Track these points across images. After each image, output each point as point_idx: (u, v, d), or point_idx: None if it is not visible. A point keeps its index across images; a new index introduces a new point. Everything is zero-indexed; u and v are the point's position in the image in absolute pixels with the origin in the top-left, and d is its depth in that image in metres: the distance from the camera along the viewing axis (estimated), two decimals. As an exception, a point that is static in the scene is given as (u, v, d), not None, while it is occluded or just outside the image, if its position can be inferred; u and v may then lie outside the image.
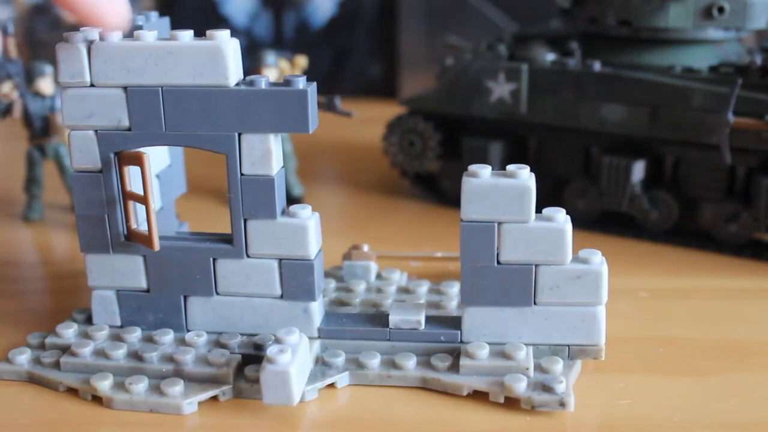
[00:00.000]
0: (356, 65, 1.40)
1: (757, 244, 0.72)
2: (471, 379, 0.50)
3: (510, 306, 0.51)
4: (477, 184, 0.49)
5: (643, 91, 0.72)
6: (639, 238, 0.76)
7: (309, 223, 0.51)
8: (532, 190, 0.48)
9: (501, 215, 0.49)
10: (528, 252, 0.49)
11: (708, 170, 0.72)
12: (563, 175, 0.80)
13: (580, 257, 0.50)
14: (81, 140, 0.51)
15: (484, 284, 0.50)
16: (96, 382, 0.49)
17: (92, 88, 0.49)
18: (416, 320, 0.52)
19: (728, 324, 0.59)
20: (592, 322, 0.51)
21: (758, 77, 0.69)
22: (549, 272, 0.50)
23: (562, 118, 0.76)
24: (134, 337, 0.53)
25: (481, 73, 0.78)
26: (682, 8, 0.72)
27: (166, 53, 0.48)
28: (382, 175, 0.97)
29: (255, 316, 0.53)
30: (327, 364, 0.51)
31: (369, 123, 1.00)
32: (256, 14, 1.38)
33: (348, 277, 0.63)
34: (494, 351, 0.51)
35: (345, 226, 0.84)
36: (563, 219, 0.49)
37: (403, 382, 0.51)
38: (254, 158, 0.50)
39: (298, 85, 0.48)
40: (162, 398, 0.48)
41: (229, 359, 0.50)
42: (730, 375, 0.52)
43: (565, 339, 0.51)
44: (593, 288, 0.50)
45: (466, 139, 0.82)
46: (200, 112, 0.49)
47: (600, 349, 0.51)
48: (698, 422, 0.47)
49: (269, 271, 0.52)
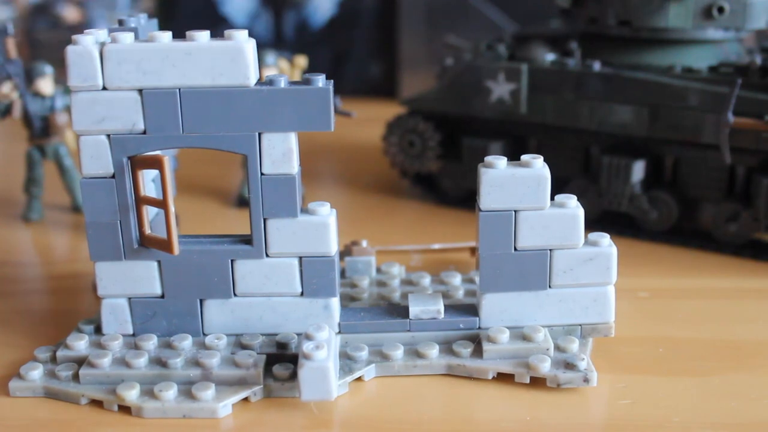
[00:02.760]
0: (356, 65, 1.40)
1: (757, 244, 0.72)
2: (495, 362, 0.51)
3: (527, 290, 0.53)
4: (495, 175, 0.50)
5: (643, 91, 0.72)
6: (639, 238, 0.76)
7: (330, 220, 0.51)
8: (548, 179, 0.51)
9: (518, 203, 0.51)
10: (544, 237, 0.52)
11: (708, 170, 0.72)
12: (563, 175, 0.80)
13: (590, 240, 0.53)
14: (92, 145, 0.49)
15: (502, 271, 0.52)
16: (123, 391, 0.48)
17: (105, 91, 0.48)
18: (436, 310, 0.53)
19: (728, 324, 0.59)
20: (603, 301, 0.53)
21: (758, 77, 0.69)
22: (563, 256, 0.52)
23: (561, 118, 0.76)
24: (151, 344, 0.52)
25: (481, 73, 0.78)
26: (682, 8, 0.72)
27: (185, 54, 0.47)
28: (382, 175, 0.97)
29: (274, 315, 0.53)
30: (351, 358, 0.52)
31: (369, 123, 1.00)
32: (256, 14, 1.38)
33: (350, 272, 0.64)
34: (514, 334, 0.52)
35: (345, 225, 0.83)
36: (575, 204, 0.52)
37: (428, 371, 0.52)
38: (275, 157, 0.50)
39: (319, 83, 0.49)
40: (195, 403, 0.48)
41: (256, 360, 0.50)
42: (730, 375, 0.52)
43: (578, 319, 0.53)
44: (604, 269, 0.52)
45: (466, 139, 0.82)
46: (220, 112, 0.48)
47: (610, 327, 0.54)
48: (698, 422, 0.47)
49: (289, 269, 0.52)
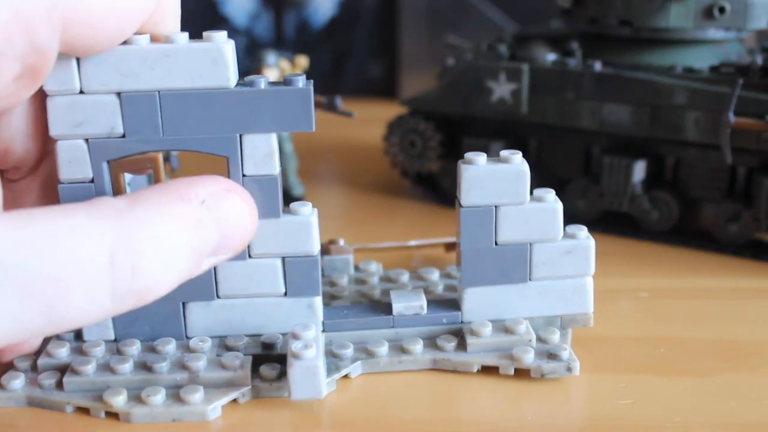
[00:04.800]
0: (356, 65, 1.40)
1: (757, 244, 0.72)
2: (479, 355, 0.52)
3: (508, 284, 0.53)
4: (475, 171, 0.51)
5: (644, 92, 0.72)
6: (639, 238, 0.76)
7: (312, 220, 0.51)
8: (527, 174, 0.51)
9: (498, 199, 0.52)
10: (524, 231, 0.52)
11: (708, 170, 0.72)
12: (564, 175, 0.80)
13: (568, 233, 0.53)
14: (70, 150, 0.48)
15: (483, 265, 0.53)
16: (110, 397, 0.48)
17: (82, 95, 0.47)
18: (419, 305, 0.54)
19: (728, 324, 0.59)
20: (581, 292, 0.54)
21: (759, 77, 0.69)
22: (543, 249, 0.53)
23: (562, 118, 0.76)
24: (135, 349, 0.51)
25: (482, 73, 0.78)
26: (682, 8, 0.72)
27: (163, 56, 0.46)
28: (382, 175, 0.97)
29: (258, 316, 0.53)
30: (337, 356, 0.52)
31: (369, 123, 1.00)
32: (256, 14, 1.38)
33: (329, 271, 0.64)
34: (496, 327, 0.53)
35: (345, 226, 0.84)
36: (553, 199, 0.53)
37: (413, 366, 0.52)
38: (257, 158, 0.49)
39: (299, 83, 0.48)
40: (184, 406, 0.48)
41: (243, 361, 0.50)
42: (730, 375, 0.52)
43: (557, 310, 0.54)
44: (582, 260, 0.53)
45: (466, 139, 0.82)
46: (200, 114, 0.48)
47: (589, 317, 0.55)
48: (698, 422, 0.47)
49: (273, 270, 0.52)
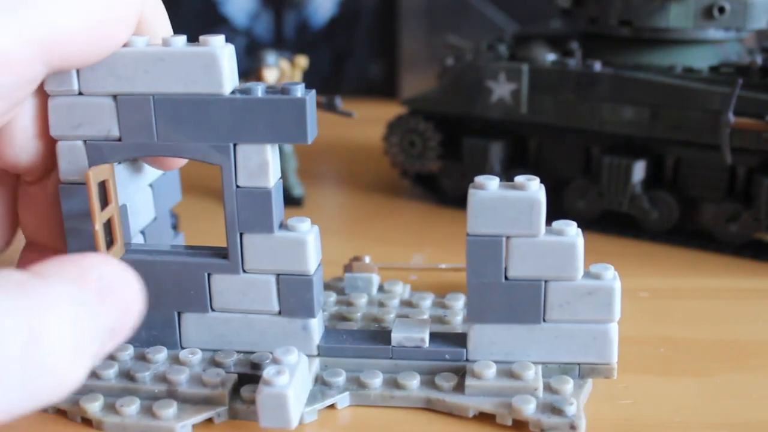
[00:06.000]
0: (356, 65, 1.40)
1: (757, 244, 0.72)
2: (477, 399, 0.47)
3: (518, 323, 0.48)
4: (484, 197, 0.46)
5: (644, 91, 0.72)
6: (639, 238, 0.76)
7: (308, 238, 0.48)
8: (542, 203, 0.46)
9: (509, 229, 0.46)
10: (537, 267, 0.47)
11: (708, 170, 0.72)
12: (564, 175, 0.80)
13: (591, 272, 0.48)
14: (69, 151, 0.47)
15: (491, 301, 0.48)
16: (85, 403, 0.47)
17: (80, 96, 0.46)
18: (420, 338, 0.50)
19: (728, 324, 0.59)
20: (604, 339, 0.48)
21: (759, 77, 0.69)
22: (559, 288, 0.47)
23: (562, 118, 0.76)
24: (126, 354, 0.50)
25: (482, 73, 0.78)
26: (682, 8, 0.72)
27: (158, 60, 0.45)
28: (382, 175, 0.97)
29: (252, 333, 0.50)
30: (327, 383, 0.49)
31: (369, 123, 1.00)
32: (256, 14, 1.38)
33: (349, 289, 0.61)
34: (501, 370, 0.48)
35: (345, 226, 0.84)
36: (574, 232, 0.47)
37: (406, 403, 0.48)
38: (251, 170, 0.47)
39: (297, 93, 0.45)
40: (154, 421, 0.46)
41: (224, 379, 0.48)
42: (730, 375, 0.52)
43: (575, 357, 0.49)
44: (605, 304, 0.47)
45: (466, 139, 0.82)
46: (193, 121, 0.46)
47: (612, 368, 0.49)
48: (699, 422, 0.47)
49: (266, 286, 0.49)
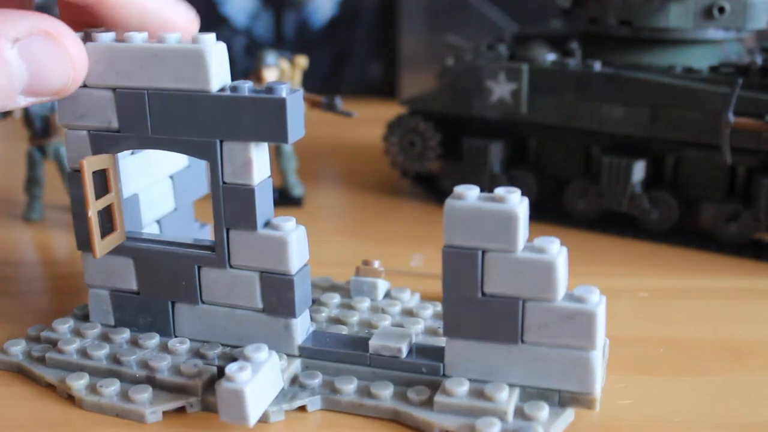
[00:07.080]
0: (356, 65, 1.40)
1: (757, 244, 0.72)
2: (443, 417, 0.46)
3: (495, 342, 0.46)
4: (460, 207, 0.44)
5: (644, 91, 0.72)
6: (639, 238, 0.76)
7: (290, 237, 0.48)
8: (520, 217, 0.43)
9: (486, 243, 0.44)
10: (514, 285, 0.44)
11: (708, 170, 0.72)
12: (563, 175, 0.80)
13: (574, 295, 0.45)
14: (75, 139, 0.50)
15: (466, 316, 0.46)
16: (71, 381, 0.49)
17: (85, 88, 0.49)
18: (396, 348, 0.49)
19: (728, 324, 0.59)
20: (585, 368, 0.45)
21: (758, 77, 0.69)
22: (537, 309, 0.45)
23: (562, 118, 0.76)
24: (122, 338, 0.52)
25: (482, 73, 0.78)
26: (682, 8, 0.72)
27: (152, 56, 0.47)
28: (382, 175, 0.97)
29: (238, 327, 0.51)
30: (302, 385, 0.49)
31: (369, 123, 1.00)
32: (256, 14, 1.38)
33: (355, 293, 0.60)
34: (474, 389, 0.46)
35: (345, 226, 0.84)
36: (556, 251, 0.44)
37: (375, 413, 0.48)
38: (236, 167, 0.48)
39: (280, 92, 0.46)
40: (128, 404, 0.47)
41: (201, 370, 0.49)
42: (730, 375, 0.52)
43: (554, 384, 0.46)
44: (587, 330, 0.44)
45: (466, 139, 0.82)
46: (184, 117, 0.48)
47: (594, 399, 0.46)
48: (699, 422, 0.47)
49: (250, 283, 0.50)
